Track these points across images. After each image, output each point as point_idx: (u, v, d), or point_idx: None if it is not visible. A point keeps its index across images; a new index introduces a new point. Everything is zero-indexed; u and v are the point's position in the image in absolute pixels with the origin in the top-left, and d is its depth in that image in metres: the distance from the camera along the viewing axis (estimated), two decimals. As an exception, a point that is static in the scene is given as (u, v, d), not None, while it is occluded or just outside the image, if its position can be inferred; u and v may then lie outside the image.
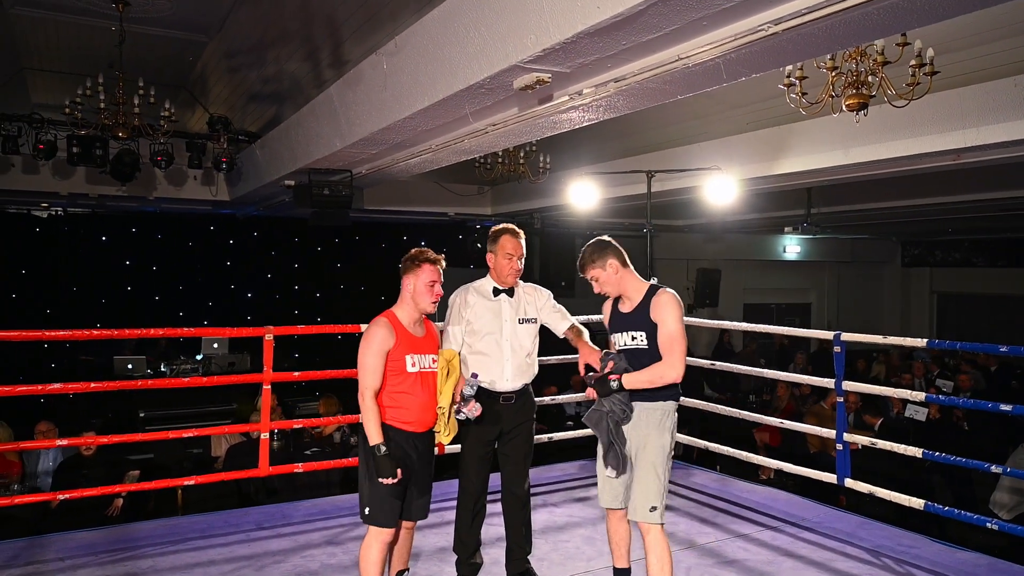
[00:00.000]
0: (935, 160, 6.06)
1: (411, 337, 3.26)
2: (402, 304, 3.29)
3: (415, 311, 3.27)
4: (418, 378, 3.24)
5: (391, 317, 3.26)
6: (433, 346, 3.38)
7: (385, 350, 3.16)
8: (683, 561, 4.12)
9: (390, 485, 3.11)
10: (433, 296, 3.24)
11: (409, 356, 3.21)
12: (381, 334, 3.16)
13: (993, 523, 4.12)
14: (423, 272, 3.22)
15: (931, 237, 16.37)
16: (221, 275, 11.93)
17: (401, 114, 4.41)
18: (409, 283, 3.25)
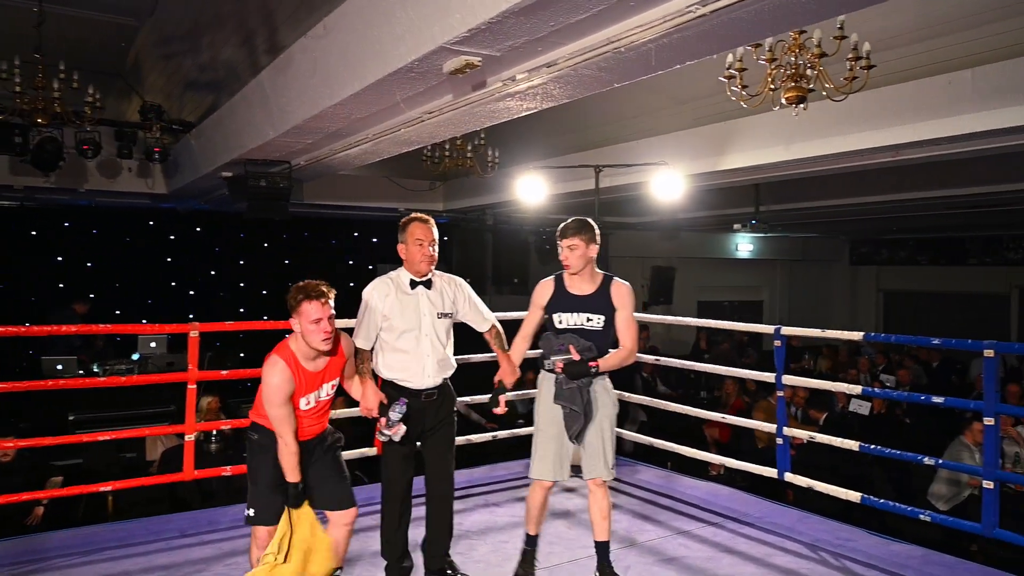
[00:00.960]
0: (875, 156, 6.11)
1: (308, 376, 3.09)
2: (296, 338, 3.07)
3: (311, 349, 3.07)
4: (311, 411, 3.15)
5: (288, 359, 3.04)
6: (335, 371, 3.21)
7: (288, 398, 3.02)
8: (623, 560, 4.06)
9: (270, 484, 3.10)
10: (322, 334, 2.99)
11: (304, 398, 3.09)
12: (281, 384, 3.00)
13: (926, 515, 4.17)
14: (303, 311, 2.98)
15: (877, 236, 16.71)
16: (161, 272, 11.54)
17: (331, 100, 4.25)
18: (294, 323, 3.03)
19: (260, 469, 3.13)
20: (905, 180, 8.84)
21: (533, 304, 3.61)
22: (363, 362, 3.44)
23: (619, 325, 3.53)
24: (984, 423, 3.93)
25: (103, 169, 8.80)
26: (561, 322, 3.50)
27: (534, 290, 3.64)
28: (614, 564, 3.72)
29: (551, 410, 3.52)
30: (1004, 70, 4.77)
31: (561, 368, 3.42)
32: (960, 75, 4.99)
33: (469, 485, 5.22)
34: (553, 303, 3.53)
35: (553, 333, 3.54)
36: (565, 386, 3.44)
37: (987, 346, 3.86)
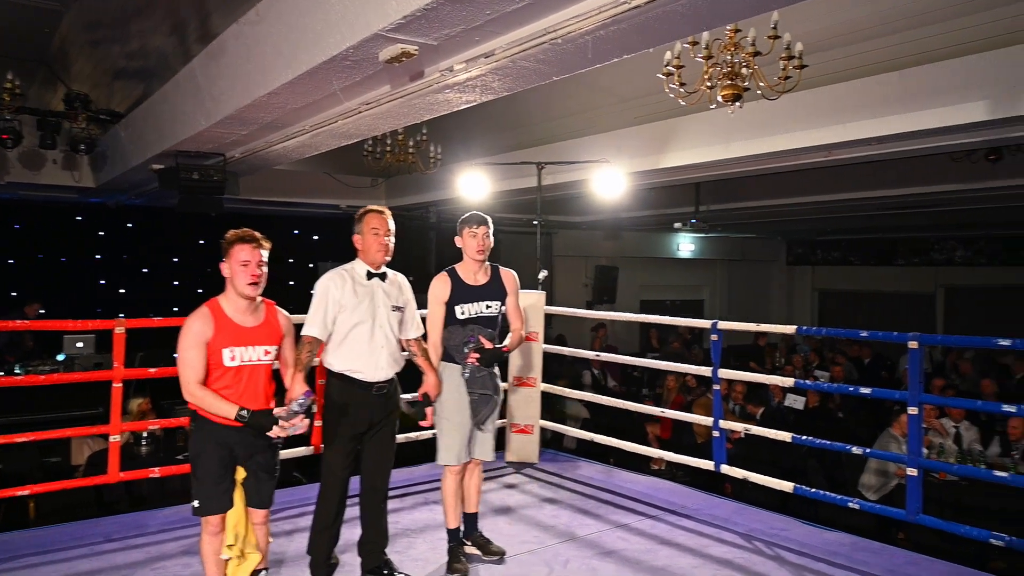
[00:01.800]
0: (809, 156, 6.27)
1: (234, 328, 3.02)
2: (227, 292, 3.07)
3: (238, 297, 3.03)
4: (239, 372, 3.04)
5: (213, 306, 3.03)
6: (270, 336, 3.13)
7: (202, 342, 2.96)
8: (562, 554, 4.07)
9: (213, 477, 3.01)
10: (249, 276, 2.98)
11: (228, 349, 2.99)
12: (195, 327, 2.97)
13: (855, 503, 4.29)
14: (235, 252, 3.01)
15: (813, 237, 17.20)
16: (91, 269, 11.09)
17: (265, 88, 4.13)
18: (225, 267, 3.03)
19: (200, 457, 3.04)
20: (838, 181, 9.10)
21: (436, 301, 3.68)
22: (302, 353, 3.31)
23: (510, 309, 3.80)
24: (908, 412, 4.07)
25: (25, 160, 8.39)
26: (463, 313, 3.65)
27: (432, 288, 3.70)
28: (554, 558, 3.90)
29: (458, 399, 3.65)
30: (929, 73, 4.94)
31: (477, 359, 3.56)
32: (888, 77, 5.15)
33: (409, 483, 5.15)
34: (453, 296, 3.65)
35: (459, 325, 3.65)
36: (478, 374, 3.61)
37: (911, 338, 3.98)
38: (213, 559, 3.12)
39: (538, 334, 5.83)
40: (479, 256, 3.69)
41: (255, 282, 3.00)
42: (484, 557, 3.87)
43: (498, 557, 3.86)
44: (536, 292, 5.88)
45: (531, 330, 5.80)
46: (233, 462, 3.09)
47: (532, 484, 5.34)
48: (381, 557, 3.63)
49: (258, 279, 3.01)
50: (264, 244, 3.06)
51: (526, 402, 5.81)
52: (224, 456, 3.05)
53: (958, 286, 15.70)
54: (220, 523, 3.09)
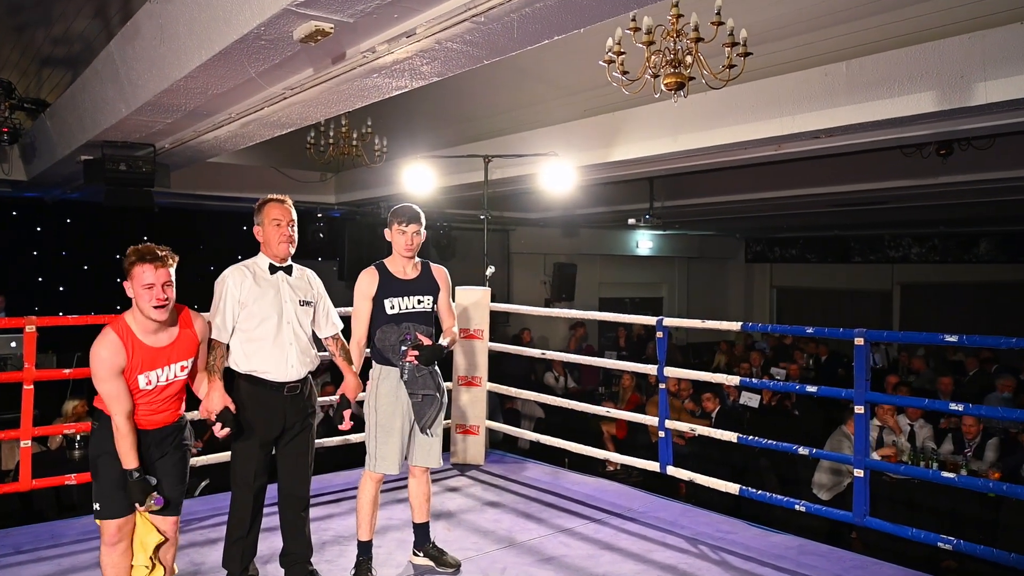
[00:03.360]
0: (759, 148, 6.18)
1: (147, 351, 2.82)
2: (134, 311, 2.84)
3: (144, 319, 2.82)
4: (154, 391, 2.87)
5: (120, 329, 2.80)
6: (185, 351, 2.93)
7: (118, 371, 2.76)
8: (500, 561, 3.92)
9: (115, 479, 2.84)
10: (154, 300, 2.75)
11: (143, 375, 2.81)
12: (106, 356, 2.75)
13: (801, 505, 4.17)
14: (136, 273, 2.78)
15: (770, 234, 17.30)
16: (27, 266, 10.62)
17: (181, 72, 3.88)
18: (128, 288, 2.80)
19: (102, 457, 2.87)
20: (790, 176, 9.08)
21: (362, 296, 3.49)
22: (215, 358, 3.15)
23: (442, 305, 3.66)
24: (854, 411, 3.96)
25: (-51, 152, 7.98)
26: (393, 307, 3.48)
27: (358, 282, 3.52)
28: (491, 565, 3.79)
29: (393, 403, 3.48)
30: (877, 63, 4.85)
31: (416, 356, 3.38)
32: (835, 67, 5.06)
33: (343, 488, 4.94)
34: (381, 289, 3.49)
35: (392, 323, 3.47)
36: (418, 374, 3.43)
37: (857, 334, 3.88)
38: (111, 571, 2.94)
39: (483, 332, 5.65)
40: (407, 253, 3.53)
41: (161, 305, 2.79)
42: (438, 569, 3.70)
43: (453, 569, 3.70)
44: (481, 289, 5.71)
45: (476, 327, 5.63)
46: (148, 463, 2.91)
47: (476, 487, 5.18)
48: (305, 568, 3.47)
49: (164, 302, 2.79)
50: (170, 261, 2.82)
51: (472, 402, 5.64)
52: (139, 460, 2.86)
53: (914, 283, 15.89)
54: (117, 532, 2.90)
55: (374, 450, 3.48)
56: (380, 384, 3.49)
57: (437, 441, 3.60)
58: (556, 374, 10.25)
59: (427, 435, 3.53)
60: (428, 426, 3.51)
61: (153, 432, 2.92)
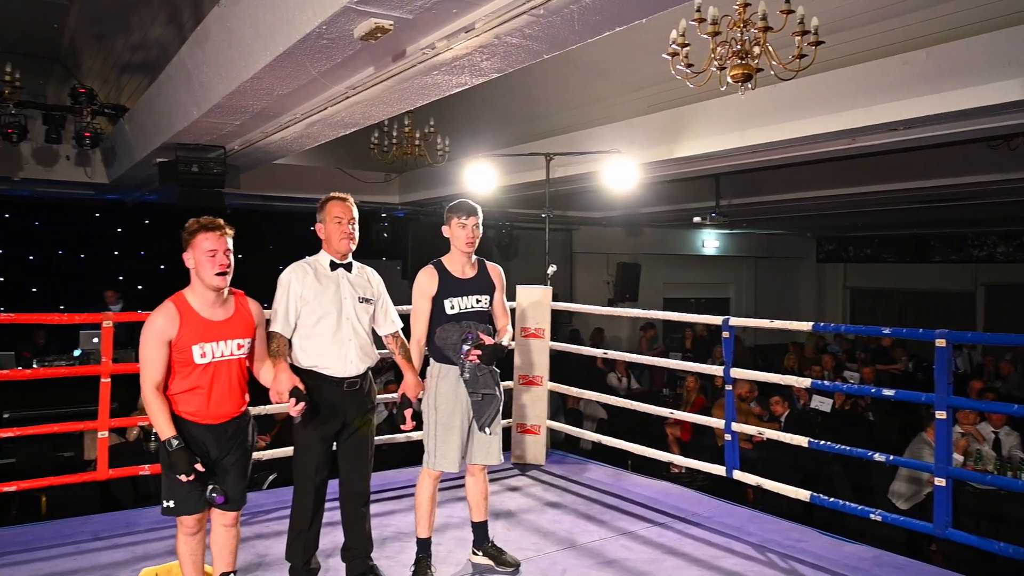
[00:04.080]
0: (832, 143, 5.94)
1: (203, 323, 2.85)
2: (192, 285, 2.89)
3: (205, 290, 2.86)
4: (211, 369, 2.87)
5: (178, 301, 2.86)
6: (242, 329, 2.96)
7: (165, 340, 2.79)
8: (560, 562, 3.85)
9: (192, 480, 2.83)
10: (216, 266, 2.81)
11: (197, 346, 2.82)
12: (158, 323, 2.79)
13: (877, 514, 3.96)
14: (199, 241, 2.83)
15: (843, 233, 16.71)
16: (109, 266, 11.11)
17: (247, 73, 3.96)
18: (188, 258, 2.85)
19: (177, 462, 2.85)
20: (865, 172, 8.72)
21: (422, 295, 3.47)
22: (278, 345, 3.19)
23: (497, 305, 3.63)
24: (936, 416, 3.75)
25: (38, 157, 8.41)
26: (453, 307, 3.46)
27: (417, 281, 3.50)
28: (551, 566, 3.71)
29: (453, 401, 3.46)
30: (959, 50, 4.60)
31: (478, 356, 3.36)
32: (915, 55, 4.81)
33: (404, 485, 4.96)
34: (442, 290, 3.46)
35: (452, 322, 3.44)
36: (479, 373, 3.40)
37: (939, 335, 3.67)
38: (190, 559, 2.99)
39: (544, 331, 5.60)
40: (468, 248, 3.48)
41: (223, 272, 2.83)
42: (497, 568, 3.67)
43: (512, 569, 3.66)
44: (542, 288, 5.66)
45: (537, 326, 5.58)
46: (208, 461, 2.93)
47: (536, 487, 5.11)
48: (366, 563, 3.47)
49: (226, 268, 2.84)
50: (228, 231, 2.90)
51: (533, 402, 5.59)
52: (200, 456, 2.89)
53: (999, 284, 15.08)
54: (196, 523, 2.95)
55: (433, 448, 3.47)
56: (440, 382, 3.47)
57: (496, 439, 3.57)
58: (619, 375, 10.11)
59: (485, 433, 3.51)
60: (487, 424, 3.48)
61: (217, 428, 2.93)
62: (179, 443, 2.78)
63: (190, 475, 2.80)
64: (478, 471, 3.67)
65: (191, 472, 2.79)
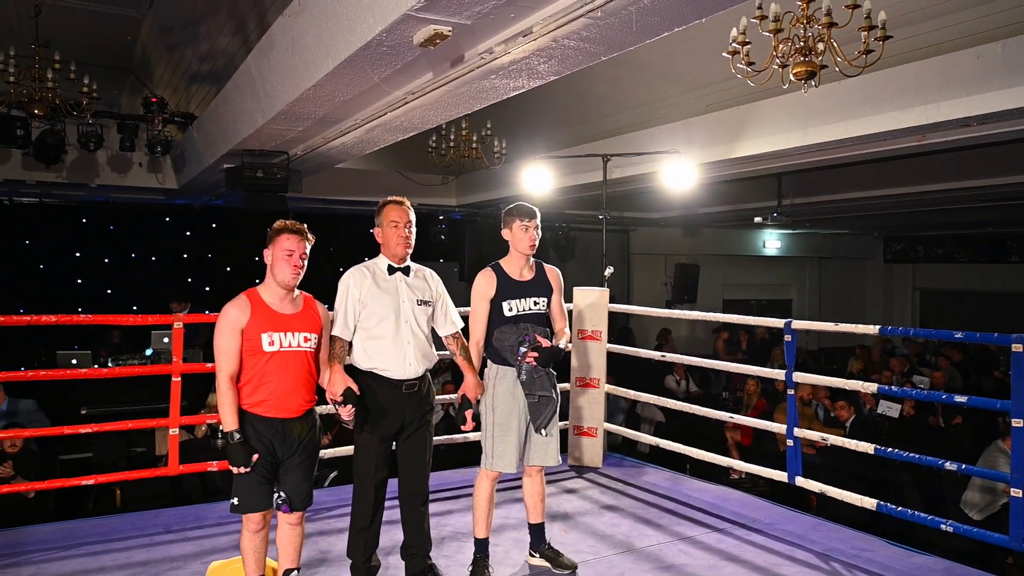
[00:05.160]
0: (899, 140, 5.75)
1: (272, 313, 3.00)
2: (266, 281, 3.06)
3: (277, 286, 3.02)
4: (279, 359, 2.98)
5: (251, 294, 3.03)
6: (309, 324, 3.09)
7: (238, 329, 2.94)
8: (617, 566, 3.83)
9: (254, 474, 2.95)
10: (292, 268, 2.98)
11: (266, 334, 2.95)
12: (231, 313, 2.97)
13: (948, 525, 3.82)
14: (280, 241, 3.02)
15: (912, 232, 16.13)
16: (178, 268, 11.53)
17: (310, 81, 4.07)
18: (268, 254, 3.02)
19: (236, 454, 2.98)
20: (935, 169, 8.39)
21: (480, 298, 3.50)
22: (336, 349, 3.27)
23: (554, 307, 3.64)
24: (1012, 425, 3.59)
25: (113, 164, 8.79)
26: (511, 310, 3.47)
27: (476, 284, 3.51)
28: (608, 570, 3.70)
29: (510, 402, 3.48)
30: (1036, 42, 4.40)
31: (535, 358, 3.38)
32: (990, 48, 4.61)
33: (462, 485, 5.00)
34: (500, 292, 3.48)
35: (511, 324, 3.46)
36: (536, 375, 3.42)
37: (1016, 340, 3.51)
38: (252, 556, 3.08)
39: (601, 333, 5.57)
40: (529, 250, 3.51)
41: (296, 273, 3.02)
42: (554, 570, 3.68)
43: (569, 572, 3.66)
44: (599, 289, 5.63)
45: (594, 328, 5.56)
46: (274, 460, 3.02)
47: (593, 489, 5.09)
48: (424, 562, 3.51)
49: (299, 270, 3.02)
50: (309, 238, 3.08)
51: (589, 404, 5.57)
52: (265, 454, 2.99)
53: (1081, 286, 14.35)
54: (261, 520, 3.04)
55: (491, 449, 3.50)
56: (497, 384, 3.50)
57: (554, 441, 3.57)
58: (677, 377, 9.98)
59: (542, 435, 3.52)
60: (544, 426, 3.49)
61: (285, 424, 3.01)
62: (239, 436, 2.91)
63: (248, 467, 2.92)
64: (535, 472, 3.67)
65: (248, 464, 2.91)
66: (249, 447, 2.93)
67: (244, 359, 2.97)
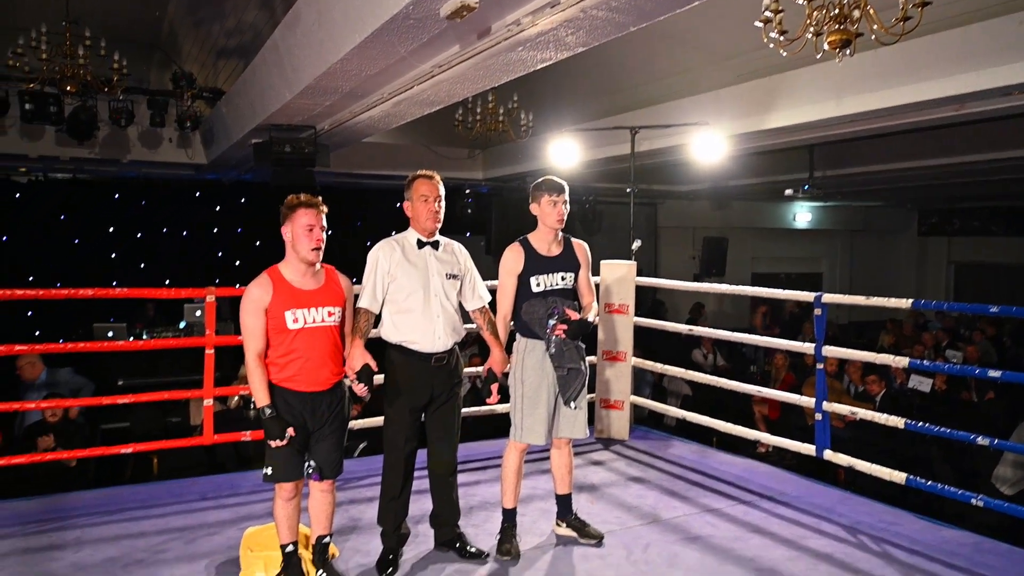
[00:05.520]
0: (936, 110, 5.60)
1: (294, 291, 3.02)
2: (287, 258, 3.06)
3: (299, 262, 3.03)
4: (304, 335, 3.01)
5: (272, 272, 3.04)
6: (332, 298, 3.11)
7: (261, 308, 2.97)
8: (643, 537, 3.85)
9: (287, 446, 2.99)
10: (314, 242, 2.97)
11: (289, 312, 2.98)
12: (254, 293, 2.99)
13: (979, 499, 3.78)
14: (298, 216, 3.01)
15: (948, 204, 15.76)
16: (208, 243, 11.69)
17: (337, 55, 4.06)
18: (287, 232, 3.01)
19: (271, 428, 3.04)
20: (973, 140, 8.18)
21: (508, 273, 3.50)
22: (360, 322, 3.28)
23: (582, 282, 3.64)
24: (1047, 400, 3.54)
25: (144, 140, 8.90)
26: (539, 285, 3.48)
27: (504, 259, 3.52)
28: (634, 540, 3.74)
29: (539, 375, 3.50)
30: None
31: (564, 331, 3.40)
32: (1031, 14, 4.47)
33: (489, 456, 5.05)
34: (528, 267, 3.48)
35: (539, 298, 3.48)
36: (564, 348, 3.43)
37: (1052, 314, 3.45)
38: (285, 523, 3.15)
39: (628, 306, 5.56)
40: (558, 225, 3.50)
41: (318, 247, 3.01)
42: (581, 540, 3.72)
43: (596, 541, 3.70)
44: (627, 263, 5.61)
45: (621, 302, 5.56)
46: (306, 431, 3.08)
47: (620, 462, 5.12)
48: (454, 531, 3.58)
49: (321, 244, 3.02)
50: (324, 209, 3.07)
51: (616, 377, 5.58)
52: (296, 425, 3.04)
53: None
54: (293, 489, 3.11)
55: (520, 421, 3.53)
56: (526, 357, 3.52)
57: (582, 413, 3.60)
58: (704, 351, 9.94)
59: (571, 408, 3.54)
60: (573, 399, 3.51)
61: (314, 397, 3.07)
62: (272, 411, 2.97)
63: (283, 440, 2.97)
64: (563, 444, 3.71)
65: (284, 438, 2.97)
66: (283, 421, 2.98)
67: (270, 337, 3.01)
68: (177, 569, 3.42)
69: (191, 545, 3.68)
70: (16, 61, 5.90)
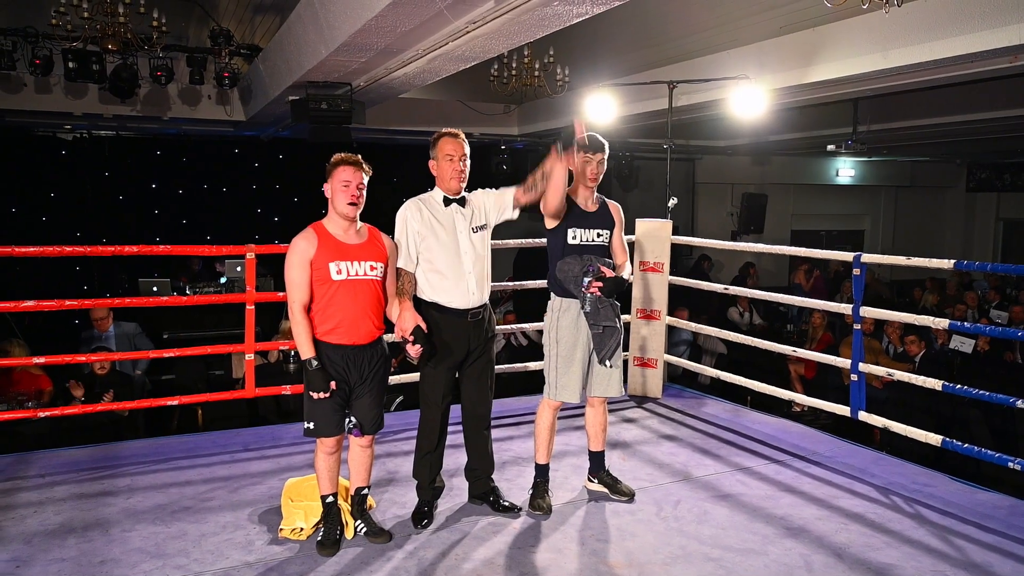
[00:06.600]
0: (988, 61, 5.37)
1: (338, 244, 3.10)
2: (329, 214, 3.16)
3: (340, 218, 3.12)
4: (347, 287, 3.10)
5: (317, 227, 3.13)
6: (375, 254, 3.18)
7: (306, 260, 3.06)
8: (674, 493, 3.91)
9: (327, 399, 3.08)
10: (348, 196, 3.06)
11: (334, 263, 3.07)
12: (300, 245, 3.08)
13: (1016, 463, 3.74)
14: (337, 173, 3.09)
15: (999, 159, 15.20)
16: (248, 199, 11.84)
17: (372, 11, 4.04)
18: (327, 188, 3.11)
19: (315, 381, 3.13)
20: (1027, 92, 7.86)
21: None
22: (404, 283, 3.34)
23: (616, 242, 3.65)
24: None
25: (184, 97, 8.99)
26: (575, 237, 3.50)
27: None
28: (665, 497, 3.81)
29: (574, 334, 3.53)
30: None
31: (599, 288, 3.41)
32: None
33: (523, 412, 5.13)
34: (567, 218, 3.50)
35: (574, 256, 3.48)
36: (600, 305, 3.45)
37: (1101, 276, 3.35)
38: (326, 475, 3.25)
39: (663, 265, 5.54)
40: (592, 183, 3.52)
41: (354, 202, 3.08)
42: (612, 496, 3.79)
43: (627, 498, 3.76)
44: (662, 221, 5.57)
45: (656, 260, 5.53)
46: (347, 387, 3.15)
47: (652, 419, 5.16)
48: (488, 484, 3.66)
49: (357, 200, 3.09)
50: (366, 169, 3.13)
51: (651, 335, 5.59)
52: (338, 380, 3.12)
53: None
54: (335, 444, 3.20)
55: (554, 380, 3.57)
56: (561, 316, 3.54)
57: (616, 372, 3.62)
58: (741, 309, 9.87)
59: (606, 366, 3.56)
60: (608, 357, 3.53)
61: (356, 350, 3.14)
62: (317, 363, 3.06)
63: (326, 392, 3.06)
64: (598, 403, 3.75)
65: (327, 390, 3.06)
66: (327, 374, 3.07)
67: (314, 288, 3.09)
68: (222, 516, 3.57)
69: (235, 494, 3.83)
70: (59, 20, 5.98)
